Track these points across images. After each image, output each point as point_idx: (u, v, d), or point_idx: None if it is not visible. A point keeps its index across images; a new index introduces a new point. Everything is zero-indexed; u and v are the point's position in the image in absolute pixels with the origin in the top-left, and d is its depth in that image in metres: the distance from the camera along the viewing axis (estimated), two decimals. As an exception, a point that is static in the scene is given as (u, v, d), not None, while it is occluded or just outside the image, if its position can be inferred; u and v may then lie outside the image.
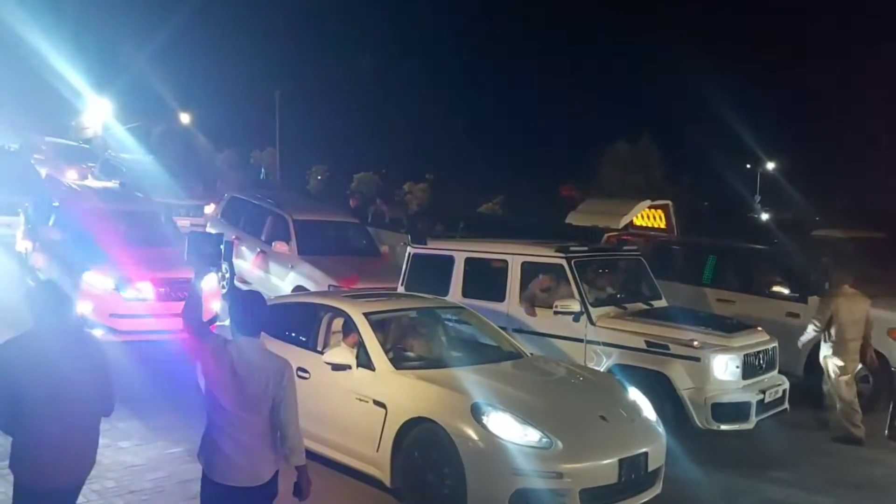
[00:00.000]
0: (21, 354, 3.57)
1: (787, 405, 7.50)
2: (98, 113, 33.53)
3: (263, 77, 35.83)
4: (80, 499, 5.19)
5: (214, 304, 8.97)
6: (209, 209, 15.05)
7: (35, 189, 12.43)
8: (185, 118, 36.14)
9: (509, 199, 26.74)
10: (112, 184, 15.24)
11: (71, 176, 17.38)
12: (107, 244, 9.41)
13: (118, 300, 8.83)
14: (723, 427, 6.87)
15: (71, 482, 3.80)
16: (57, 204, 10.77)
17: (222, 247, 6.24)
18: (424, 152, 36.99)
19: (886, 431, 7.78)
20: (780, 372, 7.73)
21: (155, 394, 7.69)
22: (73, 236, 9.68)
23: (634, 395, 5.97)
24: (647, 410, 5.81)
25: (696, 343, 7.01)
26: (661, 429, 5.70)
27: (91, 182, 16.47)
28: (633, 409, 5.75)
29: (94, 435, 3.88)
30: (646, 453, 5.30)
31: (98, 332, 8.64)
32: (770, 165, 41.57)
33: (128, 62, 32.79)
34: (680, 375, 6.91)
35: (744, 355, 7.14)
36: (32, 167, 17.04)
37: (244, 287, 11.70)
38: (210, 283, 9.75)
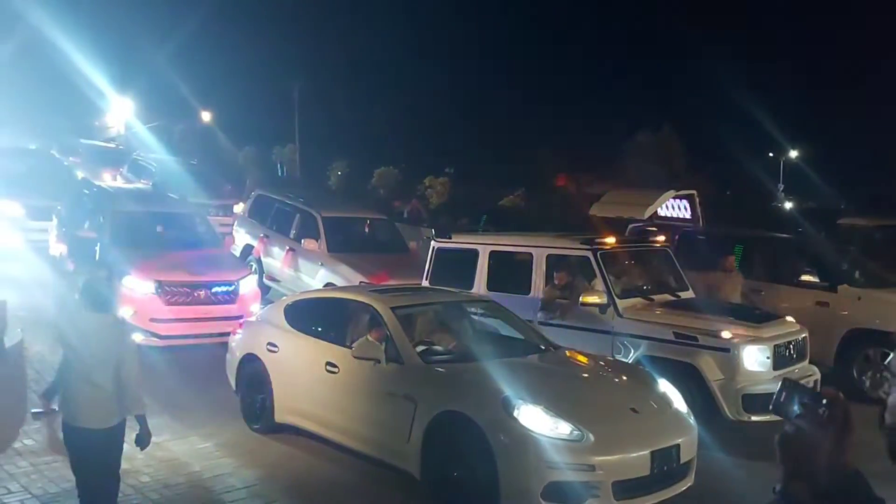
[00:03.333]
0: None
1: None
2: (121, 112, 33.88)
3: (282, 74, 35.99)
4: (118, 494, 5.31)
5: (254, 306, 9.08)
6: (239, 208, 15.10)
7: (68, 192, 12.49)
8: (205, 116, 36.41)
9: (531, 192, 26.65)
10: (143, 184, 15.39)
11: (106, 178, 17.51)
12: (144, 247, 9.48)
13: (158, 304, 8.85)
14: (754, 418, 6.81)
15: None
16: (91, 206, 10.81)
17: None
18: (444, 146, 36.97)
19: None
20: (810, 362, 7.65)
21: (187, 391, 7.79)
22: (111, 239, 9.70)
23: (664, 386, 5.94)
24: (678, 402, 5.78)
25: (725, 334, 6.96)
26: (692, 420, 5.66)
27: (123, 183, 16.62)
28: (664, 400, 5.72)
29: None
30: (678, 445, 5.28)
31: (138, 338, 8.74)
32: (793, 153, 41.04)
33: (148, 62, 33.09)
34: (709, 366, 6.87)
35: (774, 346, 7.08)
36: (66, 169, 17.13)
37: (271, 284, 11.80)
38: (250, 286, 9.91)
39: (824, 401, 1.88)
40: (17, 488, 5.45)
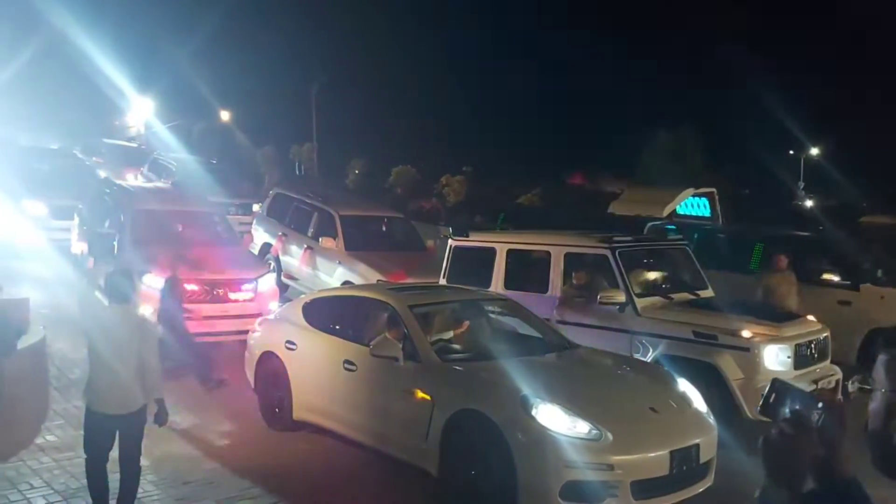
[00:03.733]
0: None
1: (840, 396, 7.34)
2: (141, 112, 34.21)
3: (300, 73, 36.15)
4: (138, 490, 5.37)
5: (273, 304, 9.13)
6: (258, 207, 15.19)
7: (90, 191, 12.62)
8: (224, 115, 36.65)
9: (548, 191, 26.58)
10: (163, 184, 15.51)
11: (128, 177, 17.65)
12: (164, 246, 9.55)
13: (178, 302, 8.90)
14: (774, 418, 6.74)
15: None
16: (112, 204, 10.90)
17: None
18: (461, 145, 36.96)
19: None
20: (832, 362, 7.57)
21: (207, 389, 7.85)
22: (131, 238, 9.78)
23: (684, 385, 5.90)
24: (698, 401, 5.74)
25: (745, 333, 6.90)
26: (712, 420, 5.62)
27: (144, 182, 16.76)
28: (683, 400, 5.68)
29: None
30: (697, 445, 5.24)
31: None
32: (814, 151, 40.61)
33: (168, 61, 33.38)
34: (729, 366, 6.82)
35: (795, 345, 7.01)
36: (88, 169, 17.29)
37: (289, 282, 11.87)
38: (269, 284, 9.99)
39: (819, 405, 1.81)
40: (39, 483, 5.52)
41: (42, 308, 8.24)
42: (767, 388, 1.98)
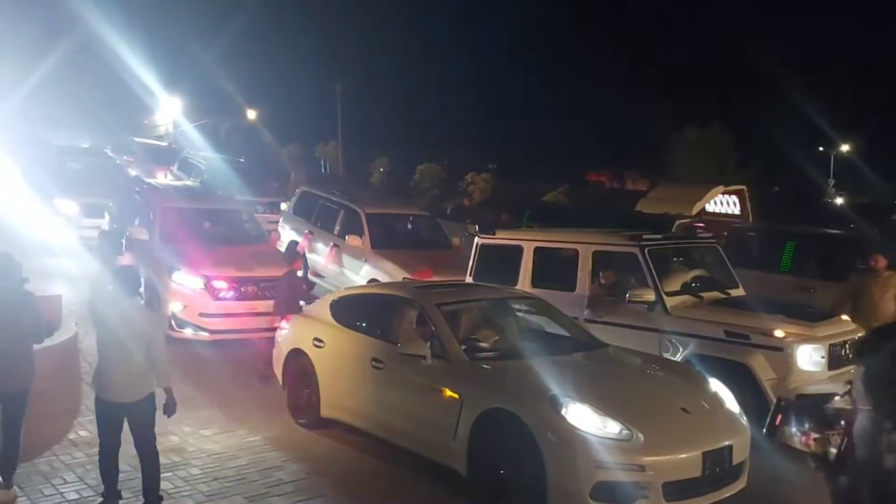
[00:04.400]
0: None
1: None
2: (169, 111, 34.59)
3: (325, 72, 36.29)
4: (168, 485, 5.44)
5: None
6: (285, 206, 15.26)
7: (120, 189, 12.77)
8: (251, 114, 36.92)
9: (574, 189, 26.43)
10: (192, 182, 15.65)
11: (158, 176, 17.83)
12: (193, 243, 9.64)
13: (207, 300, 8.98)
14: (808, 420, 6.63)
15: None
16: (141, 202, 11.02)
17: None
18: (486, 143, 36.89)
19: None
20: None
21: (235, 385, 7.93)
22: (160, 236, 9.88)
23: (716, 386, 5.81)
24: (730, 402, 5.65)
25: (778, 332, 6.78)
26: (744, 421, 5.53)
27: (173, 181, 16.92)
28: (716, 400, 5.60)
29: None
30: (730, 446, 5.16)
31: (189, 332, 8.91)
32: (844, 147, 39.94)
33: (196, 61, 33.68)
34: (762, 366, 6.70)
35: (829, 345, 6.88)
36: (118, 167, 17.48)
37: (316, 280, 11.92)
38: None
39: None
40: (72, 478, 5.59)
41: (73, 305, 8.36)
42: (772, 409, 1.90)
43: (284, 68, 38.29)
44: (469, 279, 8.83)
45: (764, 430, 5.72)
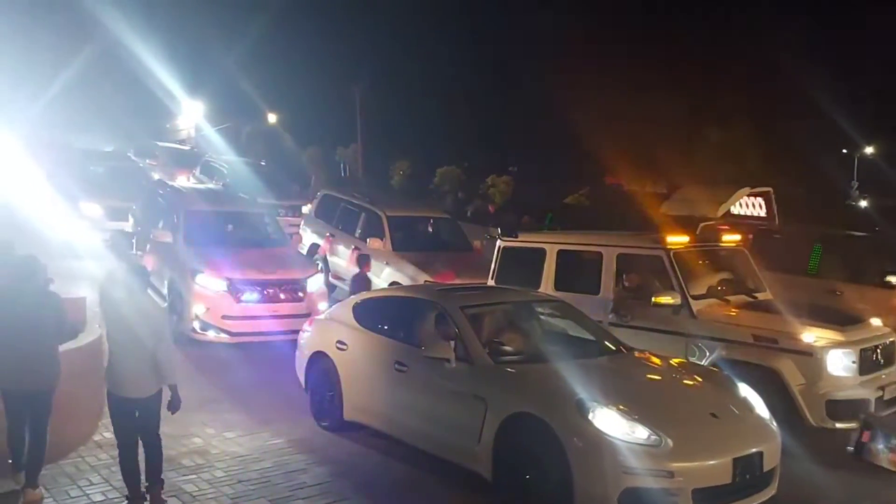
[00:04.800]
0: None
1: None
2: (191, 115, 34.87)
3: (345, 75, 36.38)
4: (192, 487, 5.45)
5: (322, 304, 9.19)
6: (306, 209, 15.31)
7: (143, 192, 12.87)
8: (271, 118, 37.11)
9: (596, 191, 26.26)
10: (215, 185, 15.75)
11: (180, 179, 17.95)
12: (216, 246, 9.68)
13: (230, 302, 9.00)
14: (839, 426, 6.52)
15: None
16: (164, 205, 11.10)
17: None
18: (506, 145, 36.74)
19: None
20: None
21: (258, 388, 7.92)
22: (184, 238, 9.94)
23: (745, 391, 5.71)
24: (760, 407, 5.55)
25: (808, 336, 6.66)
26: (775, 427, 5.43)
27: (196, 184, 17.04)
28: (745, 406, 5.50)
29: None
30: (760, 452, 5.06)
31: (211, 335, 8.94)
32: (868, 150, 39.38)
33: (218, 65, 33.92)
34: (791, 371, 6.59)
35: (860, 349, 6.75)
36: (141, 171, 17.63)
37: (337, 283, 11.93)
38: (318, 284, 10.19)
39: None
40: (98, 480, 5.61)
41: (97, 307, 8.40)
42: (859, 428, 1.83)
43: (305, 72, 38.39)
44: (491, 282, 8.78)
45: (850, 448, 5.65)
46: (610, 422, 4.86)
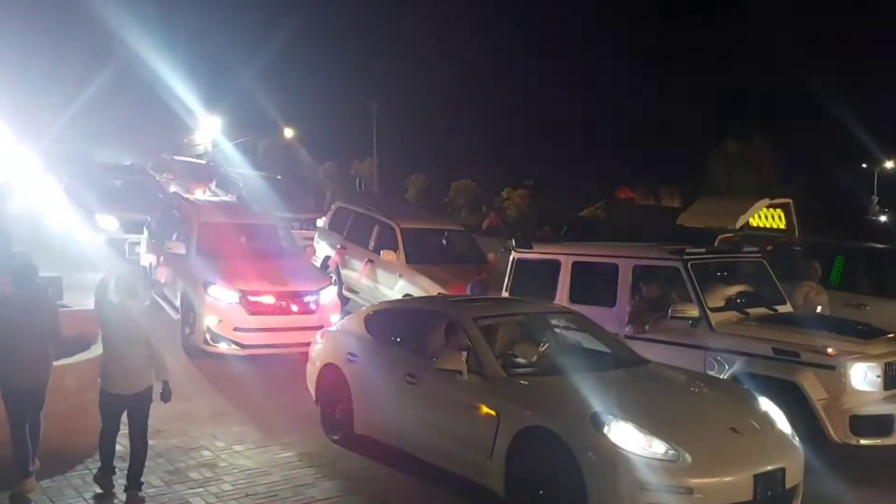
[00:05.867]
0: None
1: None
2: (209, 129, 35.18)
3: (362, 89, 36.61)
4: (199, 501, 5.36)
5: (334, 317, 9.11)
6: (322, 222, 15.29)
7: (159, 205, 12.88)
8: (288, 132, 37.33)
9: (611, 204, 26.11)
10: (230, 197, 15.78)
11: (197, 192, 18.01)
12: (229, 258, 9.64)
13: (242, 314, 8.93)
14: (863, 442, 6.33)
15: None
16: (179, 218, 11.09)
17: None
18: (520, 159, 36.72)
19: None
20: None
21: (268, 400, 7.84)
22: (197, 250, 9.89)
23: (766, 405, 5.54)
24: (781, 422, 5.38)
25: (831, 350, 6.48)
26: (797, 442, 5.26)
27: (210, 196, 17.09)
28: (766, 420, 5.33)
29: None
30: (783, 469, 4.90)
31: (223, 347, 8.88)
32: (889, 164, 38.96)
33: (235, 81, 34.29)
34: (813, 385, 6.41)
35: (885, 363, 6.55)
36: (158, 184, 17.71)
37: (350, 295, 11.87)
38: (330, 296, 10.12)
39: None
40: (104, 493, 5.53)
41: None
42: None
43: (322, 87, 38.71)
44: (505, 294, 8.66)
45: None
46: (626, 436, 4.72)
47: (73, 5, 27.94)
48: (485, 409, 5.40)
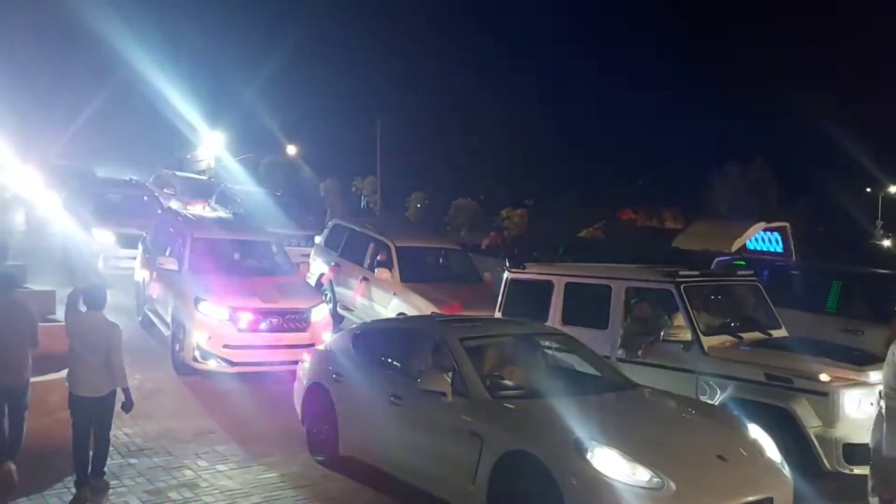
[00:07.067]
0: None
1: None
2: (211, 146, 35.32)
3: (364, 106, 36.76)
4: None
5: (326, 335, 9.02)
6: (319, 239, 15.26)
7: (154, 220, 12.86)
8: (290, 150, 37.44)
9: (610, 225, 26.07)
10: (225, 213, 15.74)
11: (196, 208, 18.00)
12: (221, 274, 9.57)
13: (231, 331, 8.85)
14: (856, 471, 6.18)
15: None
16: (173, 233, 11.04)
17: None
18: (523, 179, 36.76)
19: None
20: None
21: (255, 419, 7.73)
22: (189, 265, 9.82)
23: (755, 432, 5.43)
24: (771, 450, 5.27)
25: (824, 377, 6.37)
26: (787, 471, 5.14)
27: (206, 212, 17.06)
28: (755, 448, 5.22)
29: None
30: (770, 499, 4.80)
31: (212, 364, 8.79)
32: (893, 189, 38.88)
33: (238, 98, 34.49)
34: (805, 412, 6.29)
35: (879, 391, 6.42)
36: (156, 199, 17.72)
37: (345, 313, 11.78)
38: (322, 314, 10.03)
39: None
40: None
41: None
42: None
43: (324, 105, 38.89)
44: (498, 314, 8.58)
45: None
46: (609, 462, 4.62)
47: (78, 24, 28.21)
48: (468, 433, 5.28)
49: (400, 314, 10.34)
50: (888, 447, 5.46)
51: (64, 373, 7.28)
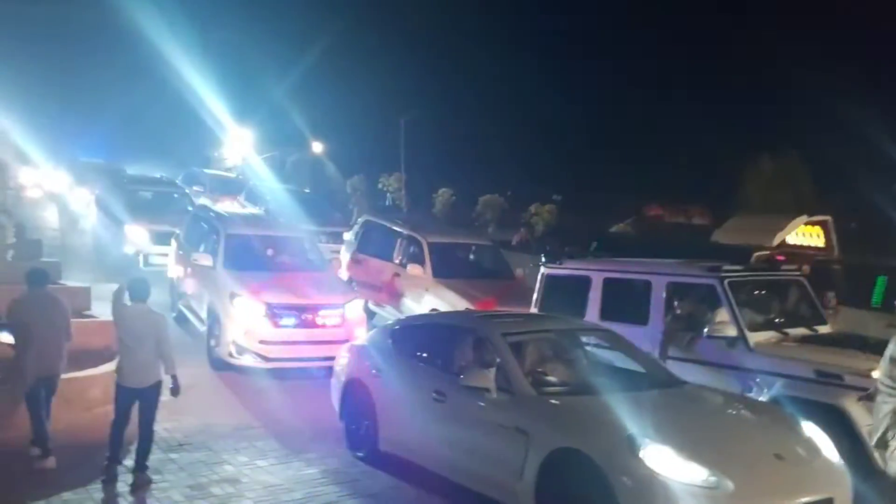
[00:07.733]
0: None
1: None
2: (239, 143, 35.49)
3: (390, 103, 36.70)
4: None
5: (360, 331, 8.98)
6: (348, 235, 15.26)
7: (187, 217, 12.93)
8: (316, 147, 37.52)
9: (641, 220, 25.74)
10: (257, 210, 15.80)
11: (225, 205, 18.10)
12: (254, 270, 9.56)
13: (267, 326, 8.85)
14: (911, 471, 5.98)
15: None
16: (206, 229, 11.07)
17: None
18: (551, 174, 36.49)
19: None
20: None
21: (292, 415, 7.71)
22: (223, 261, 9.84)
23: (810, 430, 5.27)
24: (828, 450, 5.11)
25: (876, 373, 6.17)
26: (846, 471, 4.98)
27: (237, 208, 17.15)
28: (812, 447, 5.06)
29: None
30: (830, 499, 4.64)
31: (248, 359, 8.79)
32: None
33: (266, 96, 34.64)
34: (858, 410, 6.10)
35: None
36: (187, 196, 17.85)
37: (376, 310, 11.74)
38: (356, 310, 10.00)
39: None
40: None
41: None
42: None
43: (350, 102, 38.91)
44: (534, 310, 8.47)
45: None
46: (663, 460, 4.50)
47: (108, 22, 28.52)
48: (514, 429, 5.18)
49: (432, 310, 10.28)
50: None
51: (103, 368, 7.36)
